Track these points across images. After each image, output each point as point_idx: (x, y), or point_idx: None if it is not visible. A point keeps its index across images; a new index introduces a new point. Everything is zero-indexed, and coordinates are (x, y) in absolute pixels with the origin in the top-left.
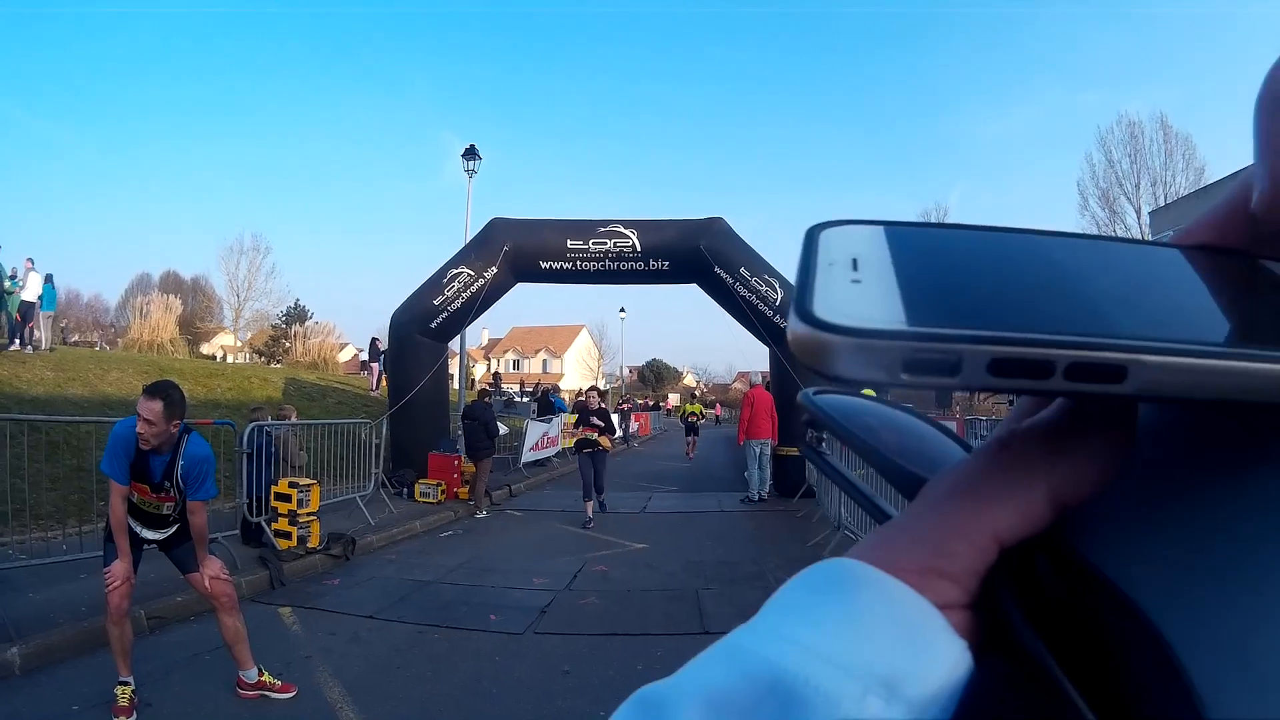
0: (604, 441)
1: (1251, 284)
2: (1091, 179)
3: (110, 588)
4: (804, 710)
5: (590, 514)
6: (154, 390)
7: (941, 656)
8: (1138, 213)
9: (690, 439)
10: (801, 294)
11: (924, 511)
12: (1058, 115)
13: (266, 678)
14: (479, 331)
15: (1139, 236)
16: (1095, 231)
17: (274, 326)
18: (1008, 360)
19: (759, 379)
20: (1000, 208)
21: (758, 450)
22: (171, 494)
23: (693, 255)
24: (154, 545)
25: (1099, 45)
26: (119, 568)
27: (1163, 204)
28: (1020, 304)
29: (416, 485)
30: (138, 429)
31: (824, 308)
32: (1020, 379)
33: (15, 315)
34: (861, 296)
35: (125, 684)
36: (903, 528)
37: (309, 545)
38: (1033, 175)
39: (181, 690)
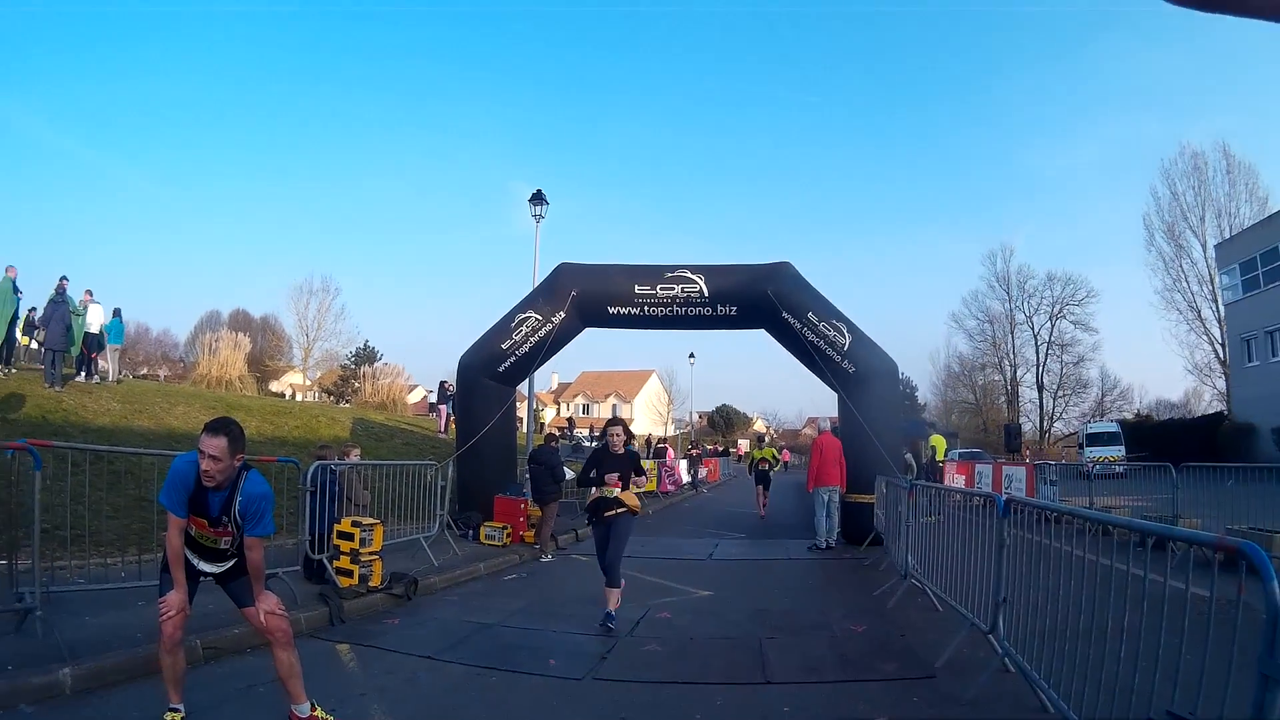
0: (629, 500)
1: None
2: (1156, 212)
3: (164, 617)
4: None
5: (613, 608)
6: (216, 427)
7: None
8: (1203, 246)
9: (761, 491)
10: None
11: None
12: (1119, 147)
13: (319, 713)
14: (548, 375)
15: (1206, 271)
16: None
17: (343, 367)
18: None
19: (827, 425)
20: (1068, 246)
21: (825, 498)
22: (229, 529)
23: (760, 300)
24: (211, 578)
25: (1156, 72)
26: (173, 598)
27: (1227, 236)
28: None
29: (482, 528)
30: (203, 466)
31: None
32: None
33: (84, 348)
34: None
35: (175, 710)
36: None
37: (370, 584)
38: (1099, 210)
39: None
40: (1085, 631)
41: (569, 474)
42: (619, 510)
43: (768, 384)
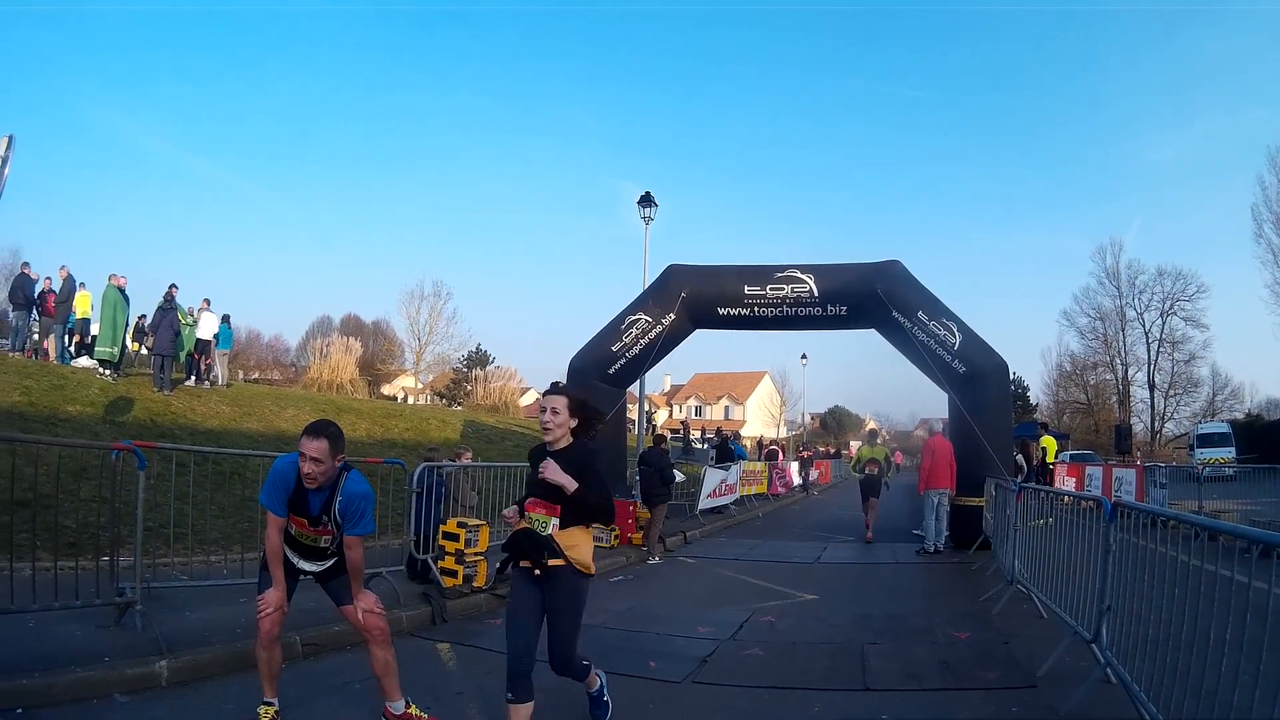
0: (575, 552)
1: None
2: (1264, 203)
3: (262, 614)
4: None
5: None
6: (316, 429)
7: None
8: None
9: (870, 505)
10: None
11: None
12: (1226, 136)
13: (413, 710)
14: (660, 377)
15: None
16: (1271, 259)
17: (455, 370)
18: None
19: (939, 426)
20: (1178, 239)
21: (936, 500)
22: (329, 528)
23: (870, 299)
24: (310, 576)
25: (1262, 59)
26: (272, 595)
27: None
28: None
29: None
30: (305, 469)
31: None
32: None
33: (193, 353)
34: None
35: (269, 704)
36: None
37: (475, 584)
38: (1207, 202)
39: (326, 716)
40: (1189, 643)
41: (679, 476)
42: (553, 563)
43: (879, 385)
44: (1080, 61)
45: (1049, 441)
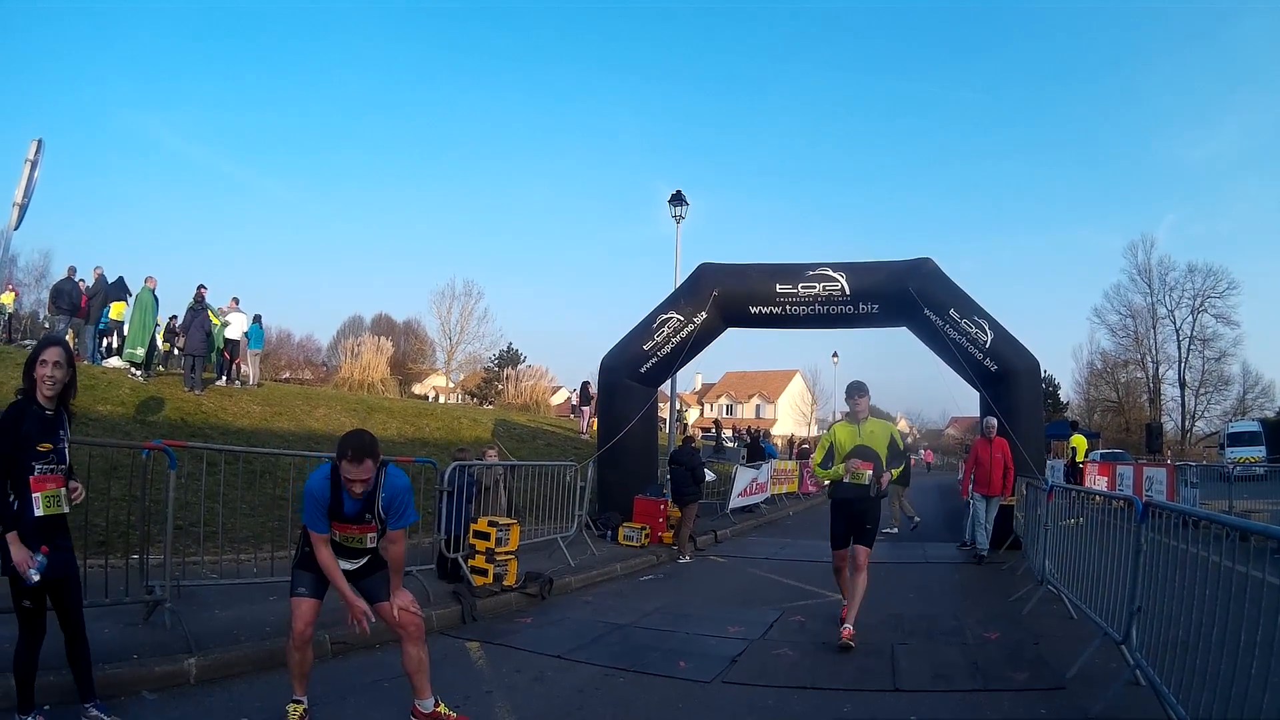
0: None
1: None
2: None
3: (296, 616)
4: None
5: None
6: (358, 453)
7: None
8: None
9: (853, 560)
10: None
11: None
12: (1258, 133)
13: (442, 709)
14: (692, 376)
15: None
16: None
17: (486, 369)
18: None
19: (995, 425)
20: (1211, 237)
21: (986, 504)
22: (374, 524)
23: (902, 297)
24: (345, 573)
25: None
26: (306, 599)
27: None
28: None
29: (620, 529)
30: (354, 491)
31: None
32: None
33: (223, 352)
34: None
35: (298, 703)
36: None
37: (505, 583)
38: (1244, 200)
39: (354, 714)
40: (1218, 644)
41: (710, 475)
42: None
43: (912, 384)
44: (1112, 58)
45: (1079, 440)
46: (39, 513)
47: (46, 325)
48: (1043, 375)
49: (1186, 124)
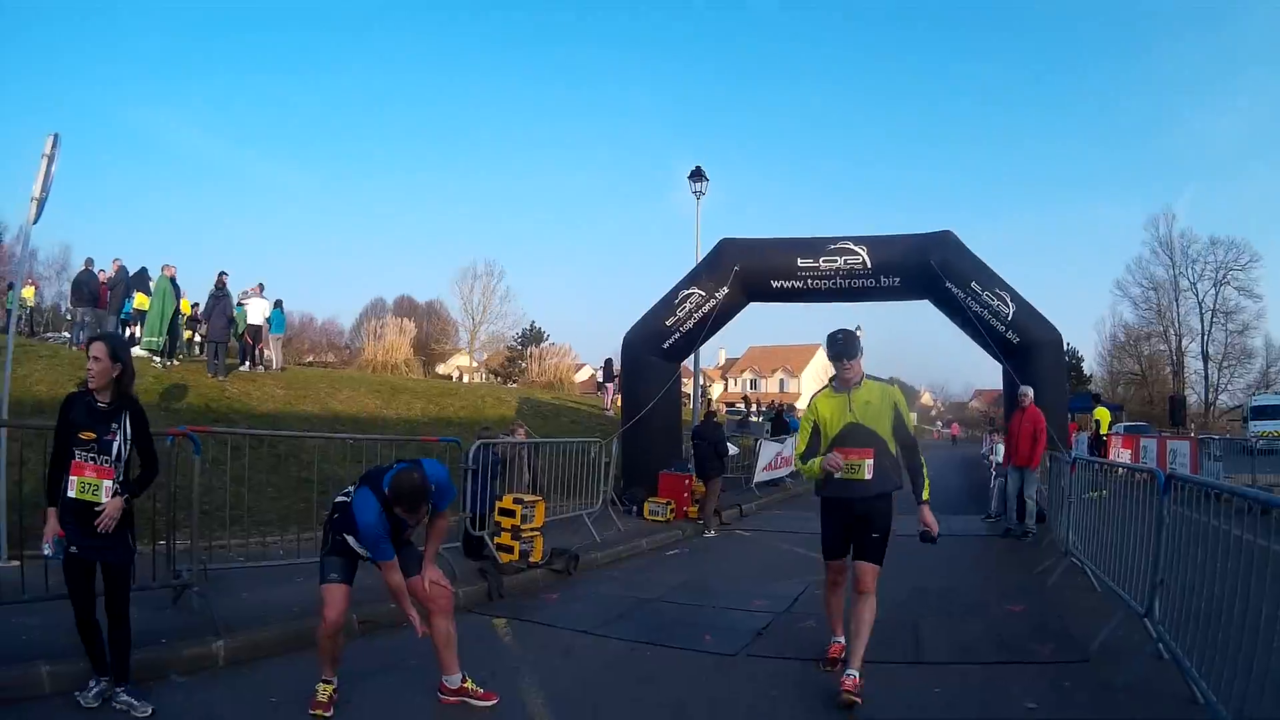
0: None
1: None
2: None
3: (328, 605)
4: None
5: None
6: (414, 501)
7: None
8: None
9: (858, 579)
10: None
11: None
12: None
13: (469, 684)
14: (715, 351)
15: None
16: None
17: (509, 348)
18: None
19: (1030, 395)
20: (1233, 212)
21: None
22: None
23: (923, 270)
24: (374, 560)
25: None
26: (338, 588)
27: None
28: None
29: (646, 504)
30: (412, 522)
31: None
32: None
33: (245, 337)
34: None
35: (328, 682)
36: None
37: (531, 559)
38: (1257, 171)
39: (382, 692)
40: (1240, 618)
41: (733, 450)
42: None
43: (936, 357)
44: (1134, 32)
45: (1102, 413)
46: (71, 494)
47: (69, 318)
48: (1066, 348)
49: (1205, 96)
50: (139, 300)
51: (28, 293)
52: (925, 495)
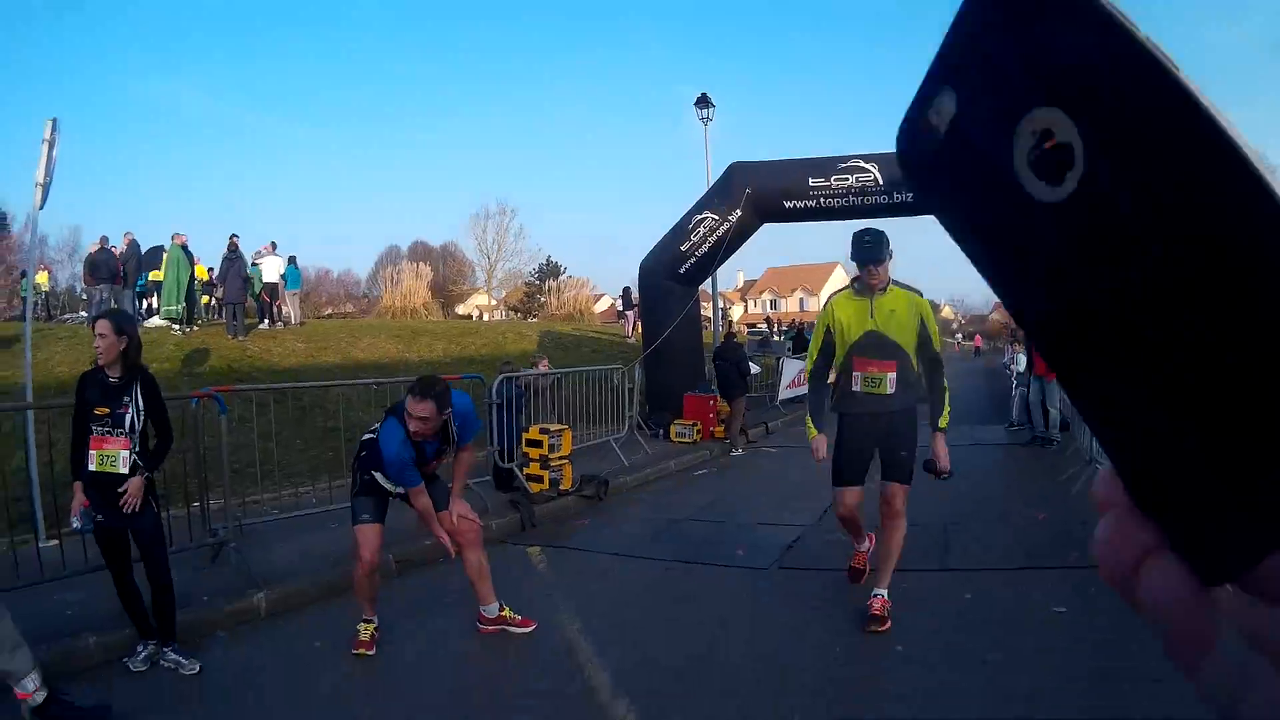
0: None
1: None
2: None
3: (363, 545)
4: None
5: None
6: (422, 390)
7: None
8: None
9: (885, 522)
10: None
11: None
12: None
13: (507, 612)
14: (734, 274)
15: None
16: None
17: (527, 284)
18: None
19: None
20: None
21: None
22: (449, 452)
23: None
24: (400, 498)
25: None
26: (371, 528)
27: None
28: None
29: (672, 426)
30: (412, 428)
31: None
32: None
33: (262, 295)
34: None
35: (369, 621)
36: None
37: (561, 488)
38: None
39: (422, 627)
40: None
41: (754, 369)
42: None
43: (954, 269)
44: None
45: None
46: (92, 468)
47: (84, 298)
48: None
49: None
50: (154, 273)
51: (41, 278)
52: (944, 423)
